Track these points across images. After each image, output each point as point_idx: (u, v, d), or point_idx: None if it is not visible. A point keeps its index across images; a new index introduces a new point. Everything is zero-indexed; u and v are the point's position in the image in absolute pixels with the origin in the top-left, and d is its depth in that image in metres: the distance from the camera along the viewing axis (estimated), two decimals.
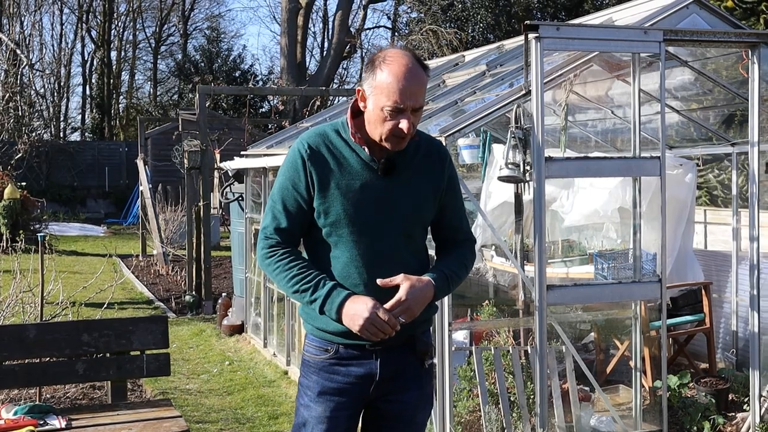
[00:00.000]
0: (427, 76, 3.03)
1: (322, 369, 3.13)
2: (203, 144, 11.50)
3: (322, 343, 3.13)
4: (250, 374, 7.98)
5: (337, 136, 3.11)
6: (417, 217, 3.12)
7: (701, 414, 5.93)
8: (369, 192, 3.04)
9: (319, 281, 3.01)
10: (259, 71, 40.02)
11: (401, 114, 2.95)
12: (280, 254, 3.08)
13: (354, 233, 3.03)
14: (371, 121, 3.02)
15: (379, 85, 2.96)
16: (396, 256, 3.06)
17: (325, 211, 3.04)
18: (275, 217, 3.11)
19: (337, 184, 3.03)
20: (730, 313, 7.51)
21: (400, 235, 3.08)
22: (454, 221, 3.28)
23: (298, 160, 3.07)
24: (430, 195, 3.15)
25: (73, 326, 5.04)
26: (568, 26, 5.50)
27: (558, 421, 5.42)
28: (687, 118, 7.81)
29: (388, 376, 3.13)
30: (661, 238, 5.43)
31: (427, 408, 3.32)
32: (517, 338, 6.39)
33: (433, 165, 3.17)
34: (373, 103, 3.00)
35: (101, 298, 7.90)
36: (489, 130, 8.20)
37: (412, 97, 2.95)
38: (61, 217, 25.31)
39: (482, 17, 22.40)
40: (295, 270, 3.04)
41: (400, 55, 2.99)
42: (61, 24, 40.51)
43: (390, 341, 3.06)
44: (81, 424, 4.47)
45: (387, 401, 3.18)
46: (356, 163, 3.06)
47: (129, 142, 30.93)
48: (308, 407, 3.16)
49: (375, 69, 2.98)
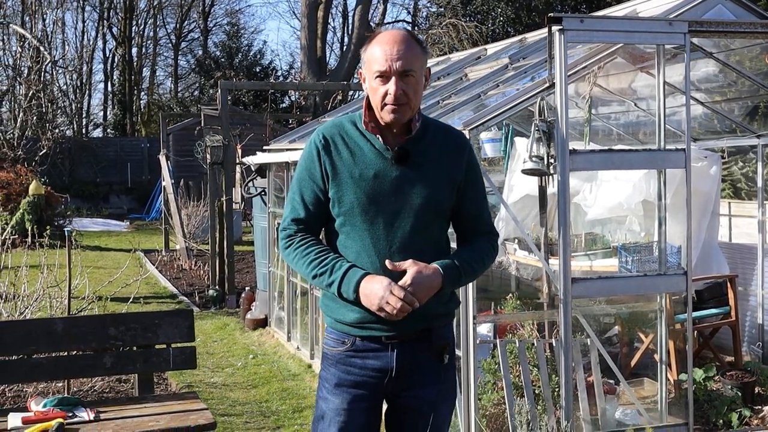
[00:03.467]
0: (422, 50, 3.06)
1: (339, 361, 3.15)
2: (225, 139, 11.54)
3: (340, 336, 3.14)
4: (274, 368, 8.01)
5: (352, 126, 3.13)
6: (431, 206, 3.08)
7: (727, 407, 5.91)
8: (382, 180, 3.04)
9: (336, 263, 3.02)
10: (279, 66, 40.18)
11: (388, 79, 2.99)
12: (297, 241, 3.12)
13: (366, 222, 3.03)
14: (370, 97, 3.07)
15: (368, 58, 3.05)
16: (410, 246, 3.03)
17: (338, 200, 3.06)
18: (293, 208, 3.15)
19: (350, 172, 3.05)
20: (755, 306, 7.46)
21: (414, 224, 3.05)
22: (473, 211, 3.23)
23: (313, 151, 3.11)
24: (447, 184, 3.11)
25: (100, 320, 5.09)
26: (592, 18, 5.48)
27: (583, 414, 5.41)
28: (711, 110, 7.76)
29: (404, 369, 3.11)
30: (687, 230, 5.41)
31: (448, 403, 3.28)
32: (541, 331, 6.37)
33: (450, 154, 3.14)
34: (367, 79, 3.07)
35: (126, 292, 7.96)
36: (511, 124, 8.18)
37: (397, 59, 2.97)
38: (85, 212, 25.47)
39: (503, 11, 22.30)
40: (312, 255, 3.06)
41: (390, 29, 3.10)
42: (83, 21, 40.78)
43: (406, 334, 3.06)
44: (109, 416, 4.52)
45: (404, 396, 3.17)
46: (370, 152, 3.07)
47: (151, 138, 31.07)
48: (326, 399, 3.17)
49: (367, 45, 3.07)
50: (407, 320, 2.99)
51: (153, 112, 36.83)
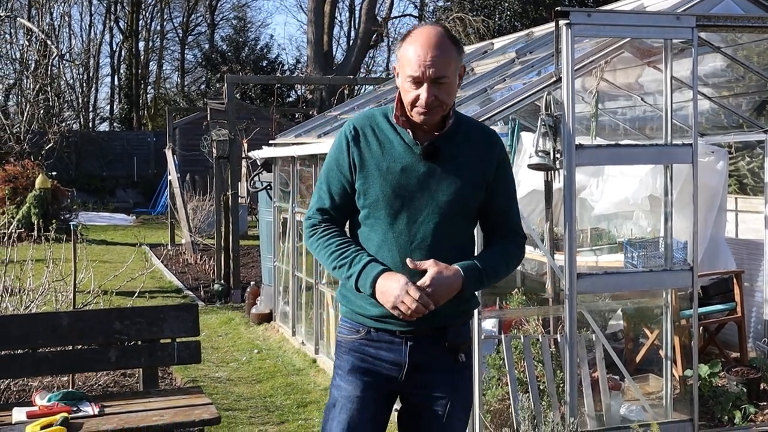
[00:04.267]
0: (457, 51, 3.00)
1: (353, 349, 3.14)
2: (231, 133, 11.54)
3: (354, 325, 3.14)
4: (278, 362, 8.01)
5: (384, 119, 3.12)
6: (457, 204, 3.04)
7: (732, 403, 5.89)
8: (409, 175, 3.02)
9: (356, 256, 3.00)
10: (286, 61, 40.13)
11: (420, 84, 2.95)
12: (321, 231, 3.12)
13: (390, 215, 3.01)
14: (402, 94, 3.04)
15: (401, 57, 3.00)
16: (432, 243, 2.99)
17: (364, 192, 3.05)
18: (320, 198, 3.15)
19: (378, 165, 3.03)
20: (761, 302, 7.44)
21: (438, 221, 3.01)
22: (501, 209, 3.17)
23: (343, 141, 3.10)
24: (476, 183, 3.07)
25: (106, 314, 5.10)
26: (600, 12, 5.44)
27: (588, 409, 5.40)
28: (719, 105, 7.73)
29: (416, 365, 3.08)
30: (693, 226, 5.39)
31: (463, 404, 3.20)
32: (546, 326, 6.36)
33: (481, 152, 3.10)
34: (400, 76, 3.03)
35: (131, 286, 7.97)
36: (518, 118, 8.16)
37: (430, 66, 2.92)
38: (91, 206, 25.51)
39: (510, 5, 22.26)
40: (333, 246, 3.06)
41: (427, 27, 3.01)
42: (90, 15, 40.84)
43: (421, 329, 3.04)
44: (113, 410, 4.53)
45: (417, 395, 3.13)
46: (399, 145, 3.05)
47: (157, 131, 31.08)
48: (339, 387, 3.16)
49: (402, 42, 3.03)
50: (424, 316, 2.94)
51: (159, 106, 36.85)
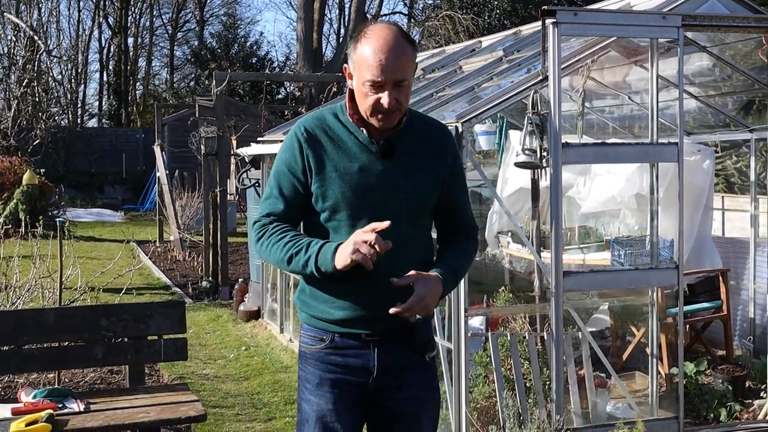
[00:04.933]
0: (413, 51, 2.94)
1: (319, 359, 3.05)
2: (220, 130, 11.52)
3: (318, 333, 3.05)
4: (266, 360, 8.01)
5: (335, 119, 3.03)
6: (418, 200, 3.02)
7: (718, 401, 5.92)
8: (368, 175, 2.96)
9: (311, 241, 2.93)
10: (275, 58, 40.11)
11: (382, 88, 2.86)
12: (271, 228, 3.02)
13: (352, 217, 2.95)
14: (357, 98, 2.95)
15: (359, 59, 2.89)
16: (396, 241, 2.90)
17: (323, 195, 2.97)
18: (271, 203, 3.05)
19: (334, 166, 2.96)
20: (747, 300, 7.47)
21: (400, 219, 2.95)
22: (457, 205, 3.17)
23: (294, 144, 3.01)
24: (433, 179, 3.05)
25: (92, 311, 5.08)
26: (586, 11, 5.47)
27: (574, 407, 5.42)
28: (705, 104, 7.76)
29: (386, 368, 3.03)
30: (679, 224, 5.41)
31: (432, 401, 3.19)
32: (533, 324, 6.38)
33: (436, 148, 3.07)
34: (356, 79, 2.94)
35: (119, 283, 7.94)
36: (505, 116, 8.18)
37: (392, 70, 2.85)
38: (79, 203, 25.41)
39: (499, 3, 22.29)
40: (287, 238, 2.96)
41: (382, 28, 2.91)
42: (79, 10, 40.58)
43: (387, 331, 2.99)
44: (99, 407, 4.52)
45: (388, 397, 3.08)
46: (354, 145, 2.98)
47: (146, 128, 31.00)
48: (309, 401, 3.07)
49: (356, 44, 2.92)
50: (388, 319, 2.90)
51: (148, 103, 36.77)
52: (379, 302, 2.92)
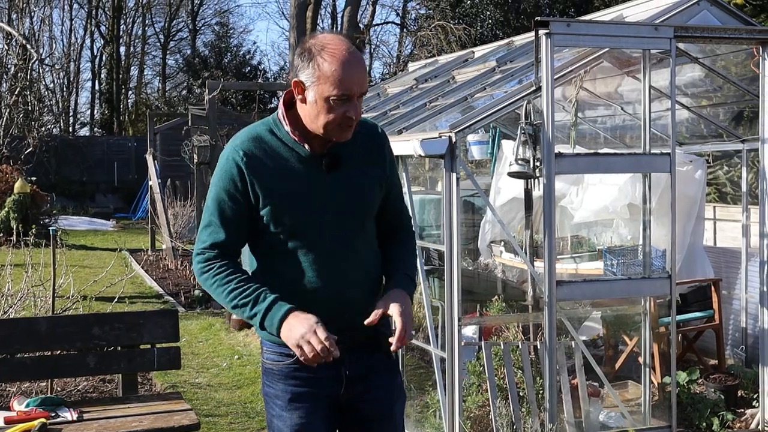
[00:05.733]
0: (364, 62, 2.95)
1: (288, 375, 2.99)
2: (212, 139, 11.53)
3: (282, 348, 2.93)
4: (259, 368, 7.99)
5: (272, 136, 2.93)
6: (368, 207, 3.02)
7: (710, 410, 5.93)
8: (316, 191, 2.91)
9: (259, 294, 2.86)
10: (268, 67, 40.11)
11: (349, 102, 2.82)
12: (217, 268, 2.92)
13: (308, 235, 2.90)
14: (313, 113, 2.85)
15: (323, 74, 2.79)
16: (353, 251, 2.94)
17: (274, 219, 2.89)
18: (212, 232, 2.94)
19: (281, 189, 2.88)
20: (739, 310, 7.50)
21: (354, 228, 2.96)
22: (397, 205, 3.17)
23: (233, 169, 2.89)
24: (377, 182, 3.03)
25: (84, 319, 5.08)
26: (579, 22, 5.50)
27: (567, 416, 5.43)
28: (697, 115, 7.80)
29: (357, 375, 3.02)
30: (671, 234, 5.44)
31: (402, 399, 3.21)
32: (526, 333, 6.39)
33: (374, 150, 3.05)
34: (315, 94, 2.82)
35: (111, 292, 7.93)
36: (498, 126, 8.21)
37: (360, 84, 2.83)
38: (71, 211, 25.35)
39: (491, 14, 22.36)
40: (233, 284, 2.89)
41: (338, 41, 2.85)
42: (71, 19, 40.61)
43: (355, 340, 2.97)
44: (92, 416, 4.51)
45: (360, 401, 3.06)
46: (297, 162, 2.91)
47: (138, 137, 30.96)
48: (281, 417, 3.01)
49: (314, 58, 2.81)
50: (356, 330, 2.93)
51: (140, 112, 36.73)
52: (344, 312, 2.93)
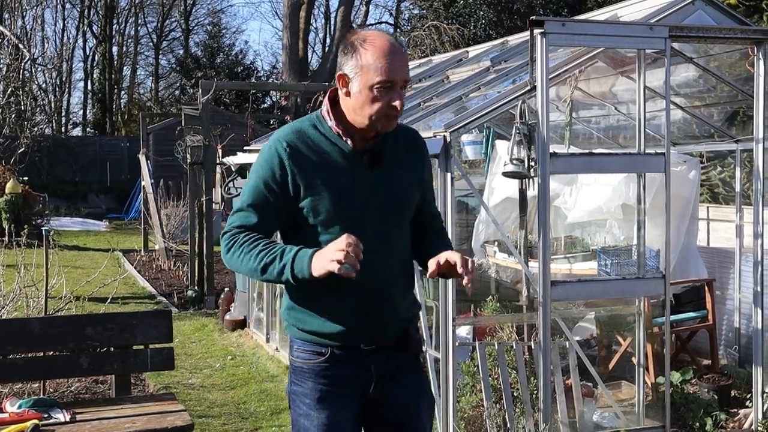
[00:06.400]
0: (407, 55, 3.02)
1: (317, 374, 3.01)
2: (206, 139, 11.50)
3: (314, 347, 3.00)
4: (252, 369, 7.98)
5: (315, 131, 3.00)
6: (407, 206, 3.09)
7: (703, 410, 5.94)
8: (356, 186, 2.97)
9: (284, 249, 2.86)
10: (261, 67, 40.07)
11: (392, 90, 2.89)
12: (242, 237, 2.93)
13: (346, 228, 2.89)
14: (357, 104, 2.92)
15: (365, 64, 2.88)
16: (390, 248, 3.01)
17: (314, 210, 2.93)
18: (243, 216, 2.98)
19: (322, 181, 2.93)
20: (732, 310, 7.50)
21: (391, 226, 3.02)
22: (432, 208, 3.29)
23: (275, 159, 2.94)
24: (415, 184, 3.11)
25: (77, 320, 5.06)
26: (574, 22, 5.49)
27: (561, 416, 5.43)
28: (691, 115, 7.80)
29: (385, 375, 3.06)
30: (665, 234, 5.44)
31: (428, 400, 3.24)
32: (520, 334, 6.39)
33: (415, 154, 3.14)
34: (360, 84, 2.90)
35: (104, 292, 7.91)
36: (492, 126, 8.19)
37: (401, 71, 2.91)
38: (63, 212, 25.29)
39: (484, 14, 22.37)
40: (259, 247, 2.89)
41: (379, 33, 2.97)
42: (63, 19, 40.59)
43: (385, 340, 3.03)
44: (85, 417, 4.49)
45: (388, 401, 3.09)
46: (339, 157, 2.97)
47: (130, 137, 30.91)
48: (308, 416, 3.02)
49: (357, 50, 2.90)
50: (390, 326, 3.01)
51: (133, 112, 36.68)
52: (377, 311, 2.97)
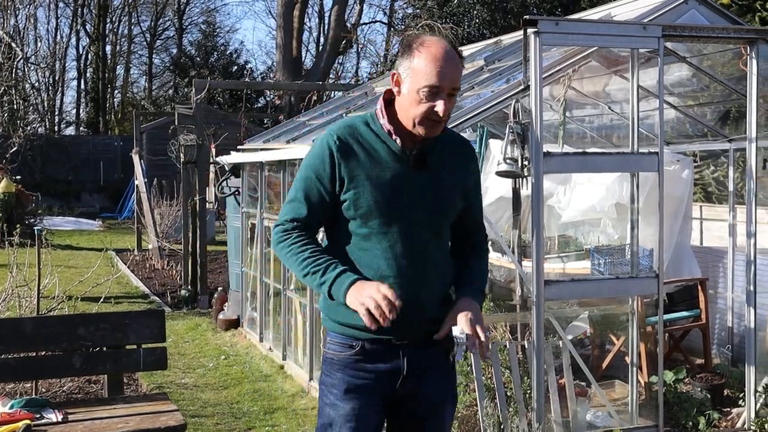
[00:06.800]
0: (462, 65, 3.05)
1: (348, 366, 3.09)
2: (199, 138, 11.48)
3: (346, 340, 3.09)
4: (245, 369, 7.97)
5: (366, 127, 3.10)
6: (446, 212, 3.12)
7: (696, 409, 5.95)
8: (399, 184, 3.03)
9: (330, 265, 2.99)
10: (254, 66, 40.04)
11: (437, 96, 2.95)
12: (294, 237, 3.08)
13: (384, 224, 3.01)
14: (405, 105, 3.01)
15: (416, 66, 2.97)
16: (425, 250, 3.05)
17: (355, 203, 3.02)
18: (295, 207, 3.11)
19: (367, 175, 3.02)
20: (725, 309, 7.52)
21: (429, 228, 3.07)
22: (477, 218, 3.31)
23: (326, 151, 3.05)
24: (458, 191, 3.15)
25: (70, 320, 5.04)
26: (567, 21, 5.50)
27: (554, 415, 5.42)
28: (684, 114, 7.82)
29: (414, 371, 3.10)
30: (659, 233, 5.44)
31: (453, 401, 3.30)
32: (513, 333, 6.39)
33: (461, 162, 3.18)
34: (409, 86, 2.99)
35: (97, 292, 7.89)
36: (486, 126, 8.19)
37: (449, 78, 2.95)
38: (56, 211, 25.25)
39: (478, 13, 22.37)
40: (307, 253, 3.03)
41: (437, 40, 3.02)
42: (56, 17, 40.49)
43: (416, 337, 3.06)
44: (78, 417, 4.47)
45: (414, 398, 3.14)
46: (386, 154, 3.05)
47: (124, 136, 30.84)
48: (335, 406, 3.10)
49: (413, 52, 2.99)
50: (417, 325, 3.03)
51: (126, 111, 36.59)
52: (410, 309, 2.98)
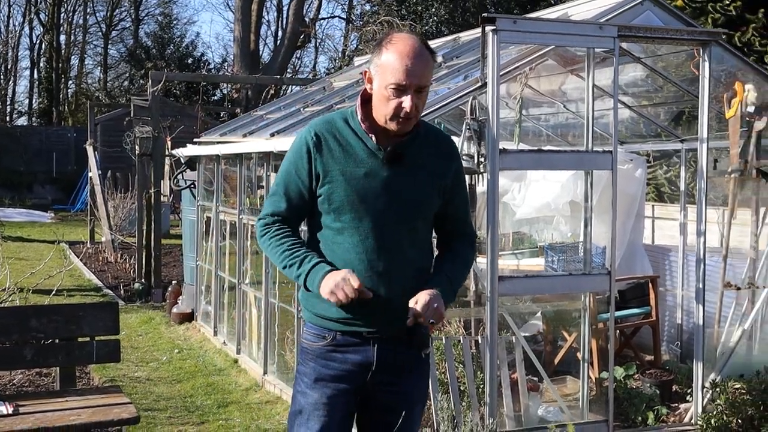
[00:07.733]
0: (433, 60, 3.08)
1: (320, 356, 3.15)
2: (155, 130, 11.38)
3: (320, 330, 3.15)
4: (199, 362, 7.93)
5: (344, 123, 3.14)
6: (420, 208, 3.14)
7: (646, 404, 6.04)
8: (373, 180, 3.07)
9: (305, 257, 3.07)
10: (211, 59, 39.74)
11: (404, 92, 2.98)
12: (274, 231, 3.16)
13: (356, 219, 3.06)
14: (376, 102, 3.06)
15: (383, 63, 3.01)
16: (398, 246, 3.08)
17: (329, 198, 3.08)
18: (275, 201, 3.18)
19: (341, 170, 3.07)
20: (675, 306, 7.64)
21: (402, 224, 3.10)
22: (459, 214, 3.31)
23: (303, 147, 3.12)
24: (435, 187, 3.17)
25: (21, 311, 4.99)
26: (525, 20, 5.54)
27: (507, 410, 5.48)
28: (638, 114, 7.92)
29: (385, 364, 3.13)
30: (612, 231, 5.51)
31: (423, 399, 3.34)
32: (468, 328, 6.44)
33: (439, 158, 3.20)
34: (377, 83, 3.04)
35: (49, 284, 7.79)
36: (443, 122, 8.23)
37: (416, 76, 2.97)
38: (7, 202, 24.87)
39: (436, 10, 22.44)
40: (285, 246, 3.12)
41: (407, 36, 3.05)
42: (9, 5, 39.83)
43: (388, 331, 3.10)
44: (29, 410, 4.43)
45: (385, 392, 3.18)
46: (362, 151, 3.09)
47: (78, 127, 30.43)
48: (304, 394, 3.18)
49: (381, 49, 3.04)
50: (387, 318, 3.06)
51: (81, 102, 36.08)
52: (377, 302, 3.04)
